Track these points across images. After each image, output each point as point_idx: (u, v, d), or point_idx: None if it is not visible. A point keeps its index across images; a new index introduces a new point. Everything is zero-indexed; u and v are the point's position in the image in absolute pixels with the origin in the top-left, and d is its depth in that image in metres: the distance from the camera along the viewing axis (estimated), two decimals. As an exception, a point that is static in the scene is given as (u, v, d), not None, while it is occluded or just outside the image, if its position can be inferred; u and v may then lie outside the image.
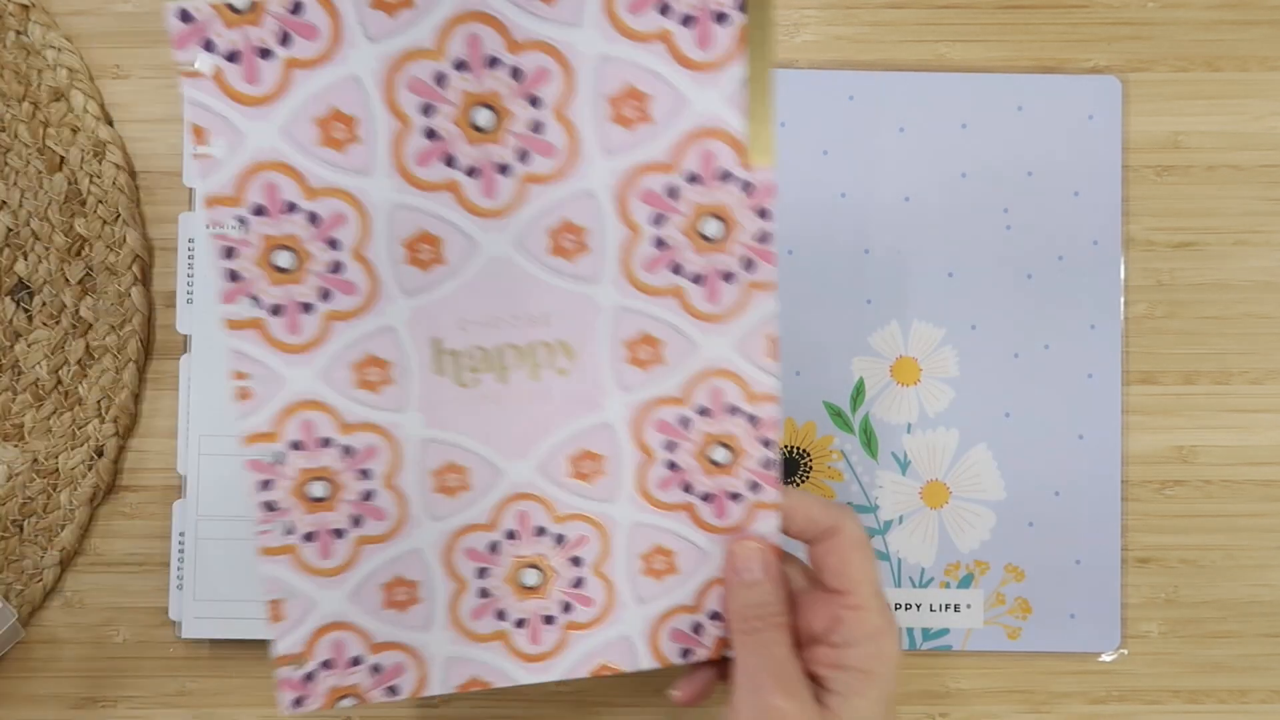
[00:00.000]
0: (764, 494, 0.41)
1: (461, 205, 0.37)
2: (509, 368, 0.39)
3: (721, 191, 0.38)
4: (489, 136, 0.37)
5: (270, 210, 0.37)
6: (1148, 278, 0.51)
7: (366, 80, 0.36)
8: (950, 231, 0.51)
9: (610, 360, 0.39)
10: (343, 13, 0.35)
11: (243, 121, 0.36)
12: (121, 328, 0.50)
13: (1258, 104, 0.52)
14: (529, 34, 0.36)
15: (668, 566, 0.41)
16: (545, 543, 0.41)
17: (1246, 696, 0.51)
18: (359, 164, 0.37)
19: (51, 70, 0.50)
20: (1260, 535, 0.51)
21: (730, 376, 0.40)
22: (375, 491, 0.39)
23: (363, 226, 0.37)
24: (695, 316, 0.39)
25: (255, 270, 0.37)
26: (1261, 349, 0.51)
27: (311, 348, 0.38)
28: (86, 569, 0.50)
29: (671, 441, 0.40)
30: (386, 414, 0.39)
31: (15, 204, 0.50)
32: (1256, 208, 0.52)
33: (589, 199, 0.38)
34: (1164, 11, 0.52)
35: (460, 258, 0.38)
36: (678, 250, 0.38)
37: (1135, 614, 0.51)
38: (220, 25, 0.35)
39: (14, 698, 0.50)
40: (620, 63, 0.37)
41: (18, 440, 0.50)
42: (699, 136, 0.37)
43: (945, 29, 0.52)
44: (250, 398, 0.38)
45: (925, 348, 0.51)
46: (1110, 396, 0.51)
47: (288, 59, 0.36)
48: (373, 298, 0.38)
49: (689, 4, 0.36)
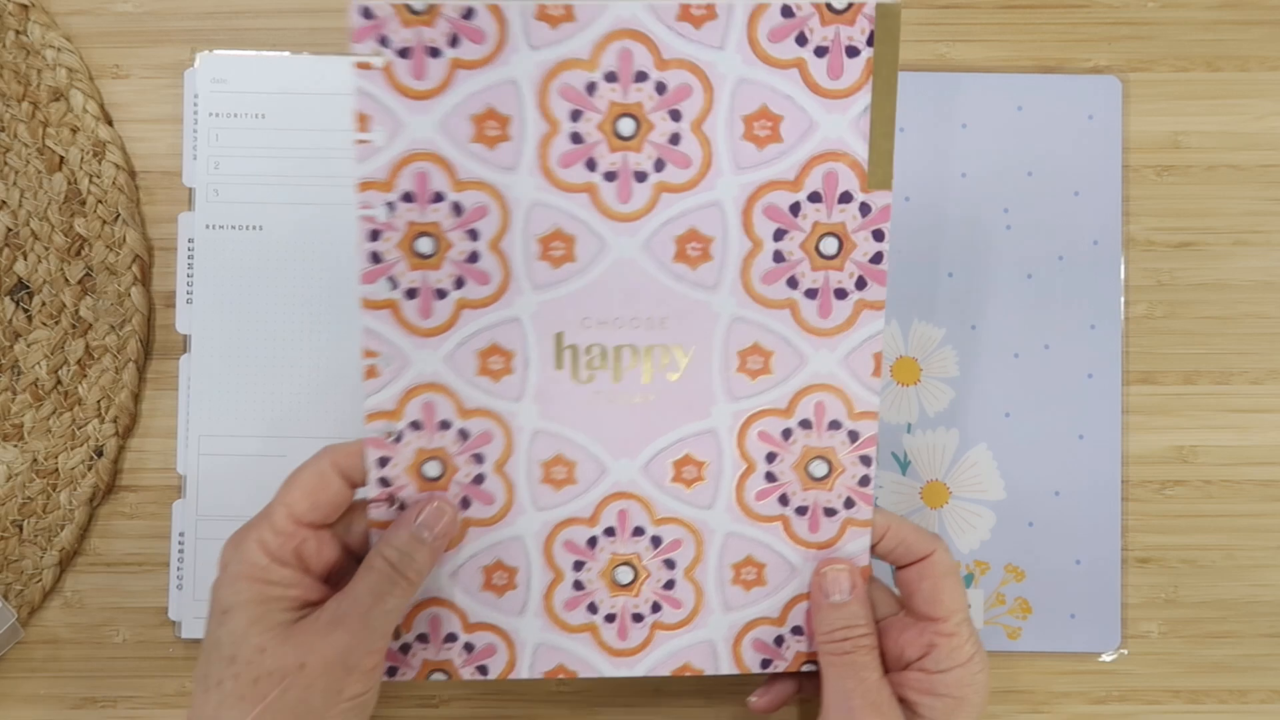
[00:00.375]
0: (858, 511, 0.42)
1: (596, 207, 0.40)
2: (624, 367, 0.41)
3: (840, 212, 0.40)
4: (629, 144, 0.39)
5: (418, 198, 0.39)
6: (1148, 278, 0.51)
7: (523, 84, 0.39)
8: (950, 231, 0.51)
9: (721, 368, 0.41)
10: (510, 21, 0.38)
11: (405, 113, 0.39)
12: (121, 328, 0.50)
13: (1258, 104, 0.52)
14: (676, 53, 0.39)
15: (757, 578, 0.42)
16: (642, 543, 0.42)
17: (1246, 696, 0.51)
18: (506, 161, 0.39)
19: (51, 70, 0.50)
20: (1260, 535, 0.51)
21: (835, 391, 0.41)
22: (486, 476, 0.41)
23: (502, 220, 0.39)
24: (806, 330, 0.41)
25: (396, 253, 0.39)
26: (1261, 349, 0.51)
27: (441, 332, 0.40)
28: (86, 569, 0.50)
29: (773, 453, 0.42)
30: (504, 402, 0.41)
31: (15, 204, 0.50)
32: (1256, 208, 0.52)
33: (716, 210, 0.40)
34: (1164, 11, 0.52)
35: (590, 257, 0.40)
36: (795, 265, 0.40)
37: (1135, 614, 0.51)
38: (397, 24, 0.38)
39: (14, 698, 0.50)
40: (757, 85, 0.39)
41: (17, 440, 0.50)
42: (824, 159, 0.40)
43: (945, 29, 0.52)
44: (377, 376, 0.40)
45: (925, 348, 0.51)
46: (1110, 396, 0.51)
47: (453, 59, 0.38)
48: (503, 289, 0.40)
49: (823, 36, 0.39)
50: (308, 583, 0.39)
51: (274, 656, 0.37)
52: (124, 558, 0.50)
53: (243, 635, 0.38)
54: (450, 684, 0.50)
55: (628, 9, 0.38)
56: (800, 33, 0.39)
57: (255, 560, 0.39)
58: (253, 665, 0.37)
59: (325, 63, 0.50)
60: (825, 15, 0.39)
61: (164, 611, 0.50)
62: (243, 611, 0.38)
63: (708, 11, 0.39)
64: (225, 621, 0.38)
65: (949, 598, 0.41)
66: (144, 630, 0.50)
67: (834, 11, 0.39)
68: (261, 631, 0.38)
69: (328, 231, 0.50)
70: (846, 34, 0.39)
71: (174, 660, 0.50)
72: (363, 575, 0.39)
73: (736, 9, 0.39)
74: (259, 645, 0.37)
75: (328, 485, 0.40)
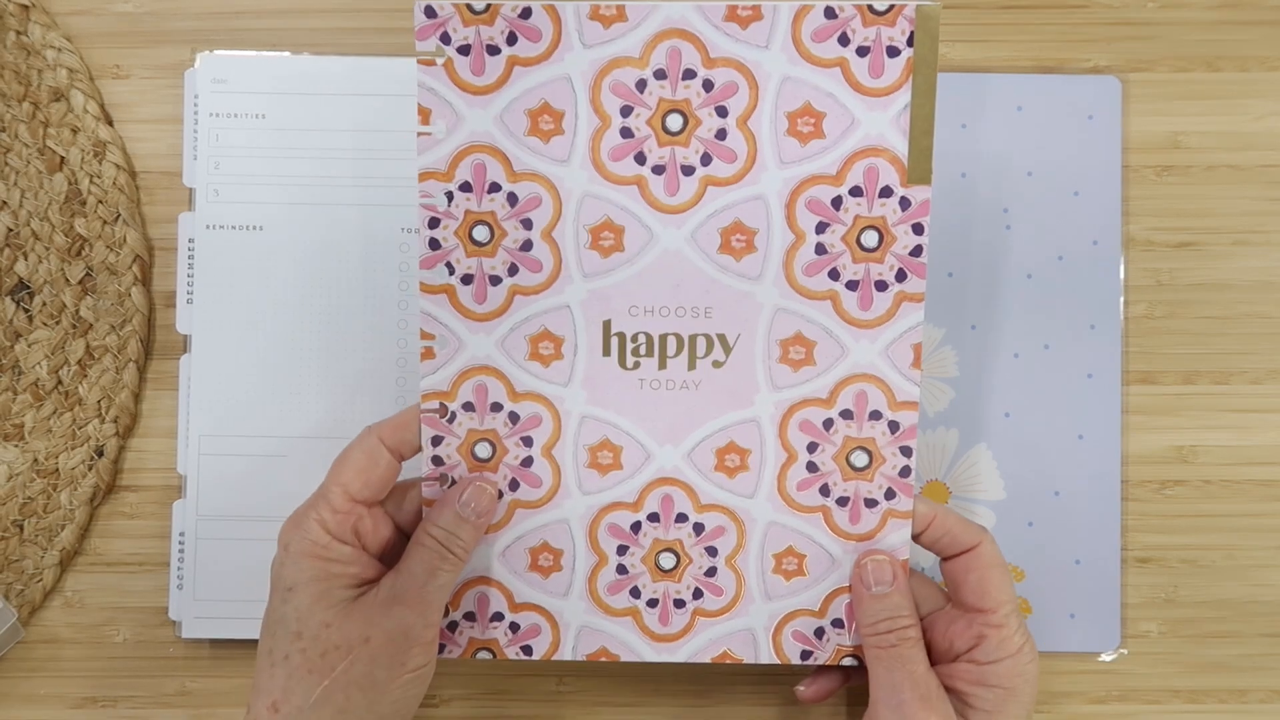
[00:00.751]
0: (899, 503, 0.42)
1: (645, 199, 0.41)
2: (669, 355, 0.42)
3: (881, 206, 0.41)
4: (678, 139, 0.41)
5: (476, 188, 0.41)
6: (1148, 278, 0.51)
7: (577, 80, 0.40)
8: (950, 231, 0.51)
9: (764, 357, 0.42)
10: (565, 20, 0.40)
11: (464, 107, 0.41)
12: (121, 328, 0.50)
13: (1258, 104, 0.52)
14: (723, 52, 0.40)
15: (798, 569, 0.43)
16: (685, 529, 0.43)
17: (1246, 696, 0.51)
18: (560, 154, 0.41)
19: (51, 70, 0.50)
20: (1260, 535, 0.51)
21: (876, 382, 0.42)
22: (534, 459, 0.43)
23: (555, 210, 0.41)
24: (847, 321, 0.42)
25: (454, 240, 0.41)
26: (1261, 349, 0.51)
27: (494, 317, 0.42)
28: (86, 569, 0.50)
29: (814, 443, 0.42)
30: (553, 386, 0.42)
31: (15, 204, 0.50)
32: (1256, 208, 0.52)
33: (761, 203, 0.41)
34: (1164, 11, 0.52)
35: (638, 247, 0.41)
36: (837, 257, 0.41)
37: (1135, 614, 0.51)
38: (458, 22, 0.40)
39: (14, 698, 0.50)
40: (801, 83, 0.40)
41: (18, 440, 0.50)
42: (865, 154, 0.41)
43: (945, 29, 0.52)
44: (434, 357, 0.42)
45: (925, 348, 0.51)
46: (1110, 396, 0.51)
47: (511, 56, 0.40)
48: (555, 276, 0.42)
49: (865, 36, 0.40)
50: (365, 559, 0.41)
51: (340, 631, 0.39)
52: (124, 558, 0.50)
53: (308, 611, 0.39)
54: (452, 683, 0.50)
55: (677, 9, 0.40)
56: (843, 33, 0.40)
57: (317, 539, 0.40)
58: (320, 640, 0.39)
59: (325, 63, 0.50)
60: (867, 17, 0.40)
61: (164, 611, 0.50)
62: (307, 589, 0.40)
63: (754, 12, 0.40)
64: (290, 599, 0.40)
65: (996, 589, 0.41)
66: (144, 630, 0.50)
67: (875, 13, 0.40)
68: (326, 608, 0.39)
69: (328, 231, 0.50)
70: (887, 34, 0.40)
71: (174, 660, 0.50)
72: (414, 552, 0.41)
73: (781, 10, 0.40)
74: (324, 620, 0.39)
75: (377, 463, 0.41)
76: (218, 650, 0.50)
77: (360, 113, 0.50)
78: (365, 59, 0.50)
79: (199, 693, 0.50)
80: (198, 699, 0.50)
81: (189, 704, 0.50)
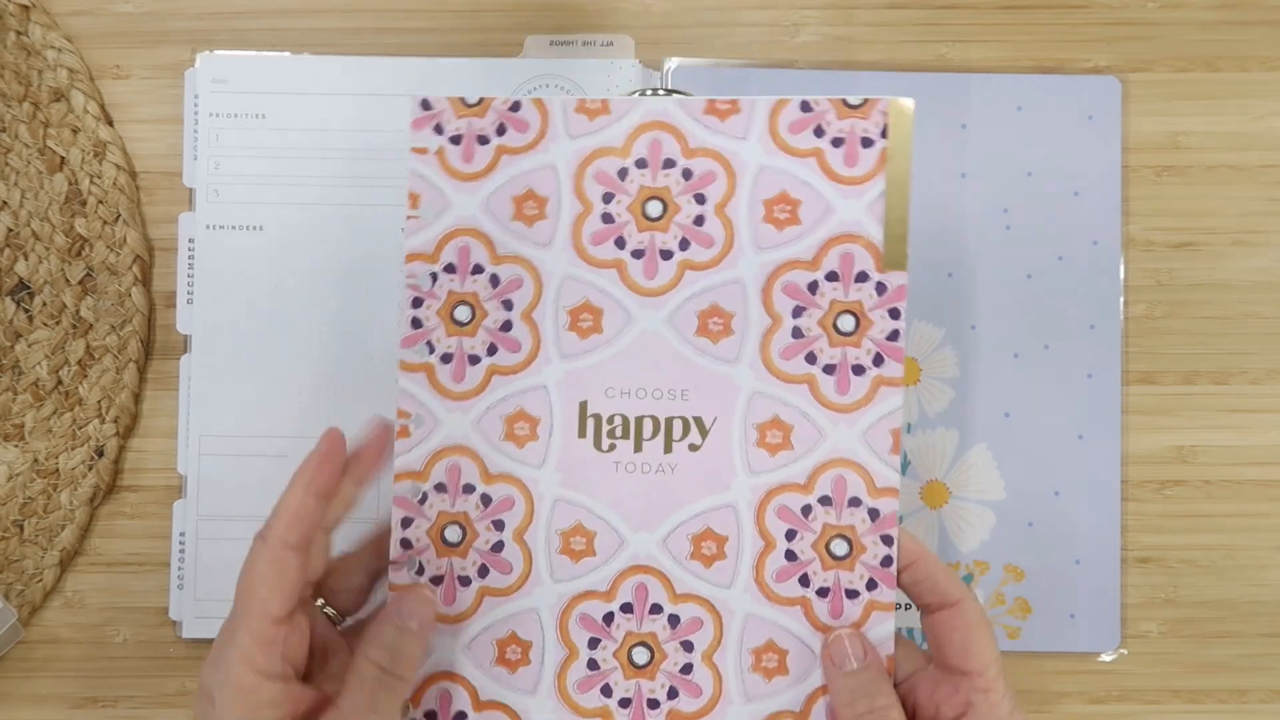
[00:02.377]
0: (881, 594, 0.41)
1: (624, 282, 0.42)
2: (645, 438, 0.42)
3: (857, 290, 0.41)
4: (657, 225, 0.41)
5: (460, 269, 0.42)
6: (1148, 278, 0.51)
7: (561, 169, 0.42)
8: (950, 231, 0.51)
9: (741, 441, 0.41)
10: (552, 113, 0.41)
11: (452, 193, 0.42)
12: (122, 328, 0.50)
13: (1258, 104, 0.52)
14: (702, 143, 0.41)
15: (779, 665, 0.42)
16: (659, 621, 0.42)
17: (1246, 696, 0.51)
18: (543, 237, 0.42)
19: (52, 70, 0.50)
20: (1260, 535, 0.51)
21: (855, 468, 0.41)
22: (505, 544, 0.42)
23: (536, 292, 0.42)
24: (825, 405, 0.41)
25: (436, 320, 0.42)
26: (1261, 349, 0.51)
27: (471, 396, 0.42)
28: (86, 569, 0.50)
29: (792, 530, 0.41)
30: (527, 468, 0.42)
31: (16, 204, 0.50)
32: (1256, 208, 0.52)
33: (738, 287, 0.41)
34: (1164, 11, 0.52)
35: (616, 329, 0.42)
36: (813, 341, 0.41)
37: (1135, 614, 0.51)
38: (451, 114, 0.42)
39: (14, 698, 0.50)
40: (777, 172, 0.41)
41: (18, 440, 0.50)
42: (840, 240, 0.41)
43: (945, 29, 0.52)
44: (408, 436, 0.42)
45: (925, 348, 0.51)
46: (1110, 396, 0.51)
47: (499, 146, 0.42)
48: (533, 357, 0.42)
49: (840, 128, 0.41)
50: (296, 693, 0.37)
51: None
52: (125, 558, 0.51)
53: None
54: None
55: (659, 104, 0.41)
56: (818, 125, 0.41)
57: (243, 682, 0.36)
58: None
59: (325, 63, 0.50)
60: (841, 110, 0.41)
61: (165, 611, 0.50)
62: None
63: (732, 106, 0.41)
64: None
65: (981, 649, 0.39)
66: (145, 630, 0.50)
67: (850, 107, 0.41)
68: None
69: (328, 231, 0.50)
70: (861, 127, 0.41)
71: (174, 660, 0.50)
72: (353, 687, 0.37)
73: (759, 104, 0.41)
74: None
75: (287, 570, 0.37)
76: (218, 650, 0.50)
77: (360, 113, 0.50)
78: (365, 59, 0.50)
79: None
80: (198, 699, 0.50)
81: (189, 704, 0.50)
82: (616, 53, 0.51)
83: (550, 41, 0.51)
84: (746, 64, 0.52)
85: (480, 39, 0.51)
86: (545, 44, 0.51)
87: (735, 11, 0.52)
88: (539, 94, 0.50)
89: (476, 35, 0.51)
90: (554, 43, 0.51)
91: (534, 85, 0.50)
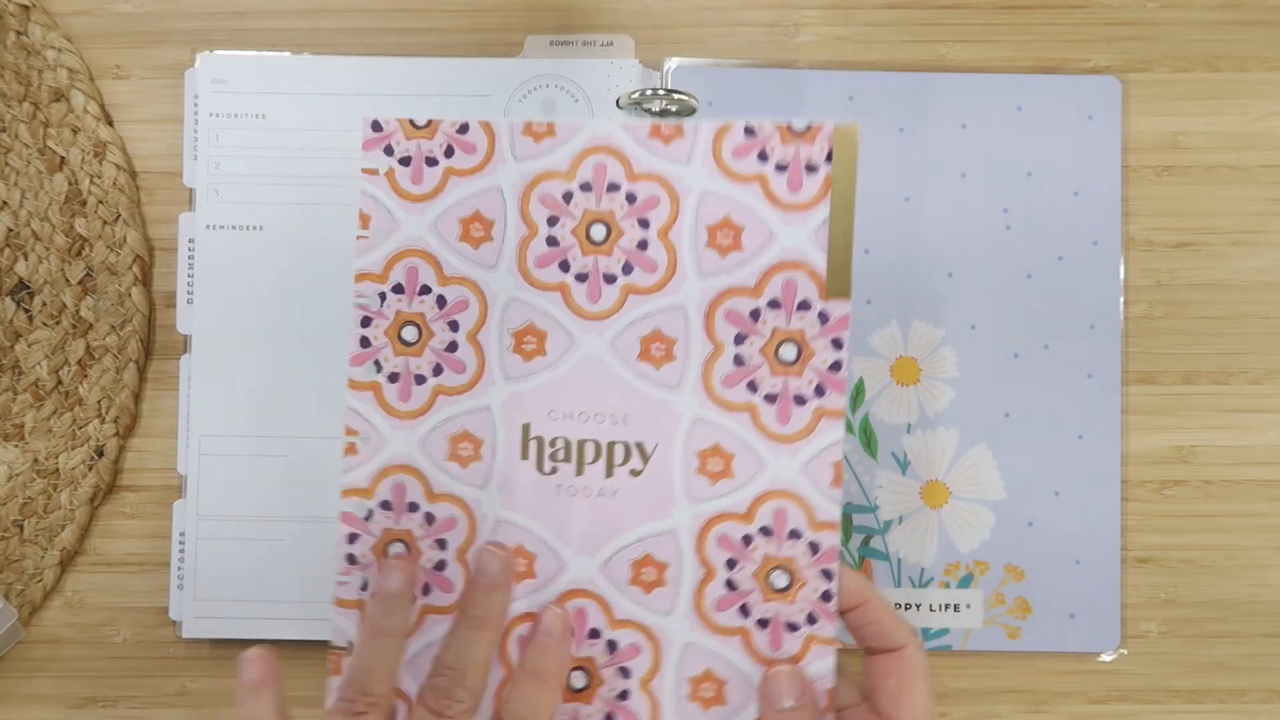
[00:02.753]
0: (821, 628, 0.41)
1: (568, 306, 0.42)
2: (587, 462, 0.42)
3: (800, 319, 0.41)
4: (601, 249, 0.41)
5: (408, 289, 0.42)
6: (1148, 278, 0.51)
7: (507, 191, 0.42)
8: (950, 231, 0.51)
9: (682, 468, 0.41)
10: (499, 135, 0.42)
11: (401, 214, 0.42)
12: (122, 328, 0.50)
13: (1258, 104, 0.52)
14: (646, 167, 0.41)
15: (716, 695, 0.41)
16: (597, 646, 0.41)
17: (1246, 696, 0.51)
18: (488, 260, 0.42)
19: (52, 70, 0.50)
20: (1260, 535, 0.51)
21: (794, 499, 0.41)
22: (447, 563, 0.42)
23: (481, 314, 0.42)
24: (766, 435, 0.41)
25: (383, 339, 0.42)
26: (1261, 349, 0.51)
27: (417, 416, 0.42)
28: (87, 569, 0.50)
29: (733, 559, 0.41)
30: (470, 489, 0.42)
31: (16, 204, 0.50)
32: (1256, 208, 0.52)
33: (680, 313, 0.41)
34: (1164, 11, 0.52)
35: (559, 352, 0.42)
36: (755, 369, 0.41)
37: (1135, 614, 0.51)
38: (401, 136, 0.42)
39: (14, 698, 0.50)
40: (720, 197, 0.41)
41: (18, 440, 0.50)
42: (783, 268, 0.41)
43: (945, 29, 0.52)
44: (355, 454, 0.42)
45: (925, 348, 0.51)
46: (1110, 396, 0.51)
47: (448, 168, 0.42)
48: (477, 378, 0.42)
49: (784, 154, 0.40)
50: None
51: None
52: (125, 558, 0.51)
53: None
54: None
55: (604, 127, 0.41)
56: (762, 150, 0.41)
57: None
58: None
59: (325, 63, 0.50)
60: (785, 135, 0.40)
61: (164, 611, 0.50)
62: None
63: (676, 131, 0.41)
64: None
65: (918, 701, 0.39)
66: (144, 630, 0.50)
67: (794, 132, 0.40)
68: None
69: (328, 231, 0.50)
70: (806, 152, 0.40)
71: (174, 660, 0.50)
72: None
73: (703, 129, 0.41)
74: None
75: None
76: (218, 650, 0.50)
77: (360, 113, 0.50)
78: (365, 59, 0.50)
79: (199, 693, 0.50)
80: (198, 699, 0.50)
81: (189, 704, 0.50)
82: (616, 53, 0.51)
83: (550, 41, 0.51)
84: (746, 64, 0.52)
85: (480, 39, 0.51)
86: (545, 44, 0.51)
87: (735, 11, 0.52)
88: (538, 94, 0.50)
89: (476, 35, 0.51)
90: (554, 43, 0.51)
91: (534, 85, 0.50)
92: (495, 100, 0.50)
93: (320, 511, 0.49)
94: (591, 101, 0.50)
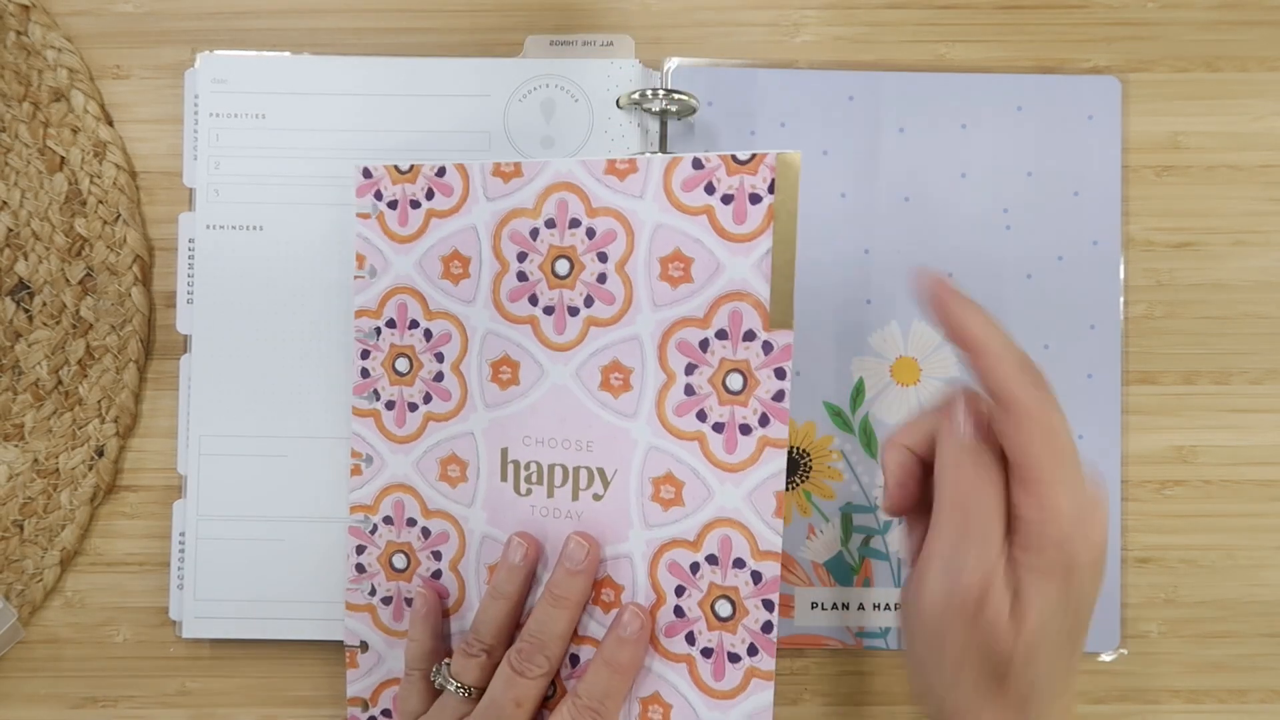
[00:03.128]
0: (761, 661, 0.41)
1: (538, 337, 0.44)
2: (556, 485, 0.44)
3: (745, 349, 0.41)
4: (565, 283, 0.43)
5: (399, 324, 0.46)
6: (1147, 278, 0.51)
7: (481, 230, 0.44)
8: (950, 231, 0.51)
9: (638, 494, 0.43)
10: (472, 176, 0.44)
11: (391, 254, 0.46)
12: (122, 328, 0.50)
13: (1258, 104, 0.52)
14: (604, 202, 0.43)
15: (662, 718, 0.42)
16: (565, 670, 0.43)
17: (1246, 696, 0.51)
18: (467, 295, 0.45)
19: (52, 70, 0.50)
20: (1260, 535, 0.51)
21: (739, 528, 0.41)
22: (442, 572, 0.46)
23: (462, 346, 0.45)
24: (714, 464, 0.42)
25: (380, 370, 0.46)
26: (1261, 349, 0.51)
27: (411, 440, 0.46)
28: (86, 569, 0.50)
29: (682, 586, 0.42)
30: (459, 506, 0.45)
31: (16, 204, 0.50)
32: (1256, 208, 0.52)
33: (636, 344, 0.43)
34: (1164, 11, 0.52)
35: (531, 381, 0.44)
36: (705, 399, 0.42)
37: (1135, 614, 0.51)
38: (388, 181, 0.46)
39: (14, 698, 0.50)
40: (671, 230, 0.42)
41: (18, 440, 0.50)
42: (730, 298, 0.41)
43: (945, 29, 0.52)
44: (360, 474, 0.47)
45: (925, 348, 0.51)
46: (1110, 396, 0.51)
47: (429, 210, 0.45)
48: (461, 405, 0.45)
49: (730, 185, 0.41)
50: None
51: None
52: (124, 558, 0.51)
53: None
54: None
55: (565, 165, 0.43)
56: (709, 182, 0.41)
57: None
58: None
59: (325, 63, 0.50)
60: (731, 166, 0.41)
61: (164, 611, 0.50)
62: None
63: (630, 165, 0.42)
64: None
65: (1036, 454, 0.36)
66: (144, 630, 0.50)
67: (739, 163, 0.41)
68: None
69: (328, 231, 0.50)
70: (750, 183, 0.41)
71: (174, 660, 0.50)
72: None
73: (654, 162, 0.42)
74: None
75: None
76: (218, 650, 0.50)
77: (360, 113, 0.50)
78: (365, 59, 0.50)
79: (199, 693, 0.50)
80: (198, 699, 0.50)
81: (189, 704, 0.50)
82: (616, 53, 0.51)
83: (550, 41, 0.51)
84: (746, 64, 0.52)
85: (480, 39, 0.51)
86: (545, 44, 0.51)
87: (735, 11, 0.52)
88: (538, 94, 0.50)
89: (476, 35, 0.51)
90: (554, 43, 0.51)
91: (534, 85, 0.50)
92: (495, 100, 0.50)
93: (320, 511, 0.49)
94: (591, 101, 0.50)
